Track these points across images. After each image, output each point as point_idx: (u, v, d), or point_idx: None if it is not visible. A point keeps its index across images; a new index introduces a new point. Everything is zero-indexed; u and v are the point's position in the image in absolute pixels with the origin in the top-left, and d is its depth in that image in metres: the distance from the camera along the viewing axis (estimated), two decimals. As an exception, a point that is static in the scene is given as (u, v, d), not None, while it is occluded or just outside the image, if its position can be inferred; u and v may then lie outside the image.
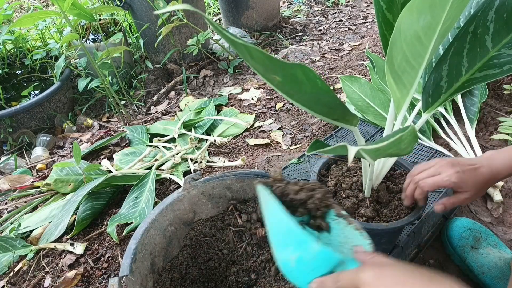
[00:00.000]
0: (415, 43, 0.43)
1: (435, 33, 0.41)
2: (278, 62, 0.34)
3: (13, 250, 0.89)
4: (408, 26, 0.41)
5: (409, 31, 0.42)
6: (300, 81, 0.36)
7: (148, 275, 0.60)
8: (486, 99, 1.19)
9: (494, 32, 0.46)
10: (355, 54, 1.82)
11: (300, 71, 0.35)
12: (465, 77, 0.51)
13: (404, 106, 0.54)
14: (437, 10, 0.38)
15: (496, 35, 0.46)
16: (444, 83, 0.54)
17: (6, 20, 1.86)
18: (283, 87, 0.39)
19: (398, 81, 0.50)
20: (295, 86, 0.37)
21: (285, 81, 0.37)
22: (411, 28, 0.41)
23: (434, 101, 0.56)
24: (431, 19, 0.39)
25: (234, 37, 0.32)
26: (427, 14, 0.39)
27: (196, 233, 0.70)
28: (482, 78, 0.50)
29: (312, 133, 1.25)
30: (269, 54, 0.33)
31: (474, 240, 0.80)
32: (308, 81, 0.36)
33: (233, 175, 0.69)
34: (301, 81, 0.36)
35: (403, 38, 0.43)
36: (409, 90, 0.51)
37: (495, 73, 0.48)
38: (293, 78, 0.36)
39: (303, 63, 1.81)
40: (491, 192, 0.95)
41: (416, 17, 0.40)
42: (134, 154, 1.18)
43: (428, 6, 0.38)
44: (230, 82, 1.72)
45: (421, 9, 0.39)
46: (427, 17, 0.39)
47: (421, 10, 0.39)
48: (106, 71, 1.39)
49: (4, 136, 1.44)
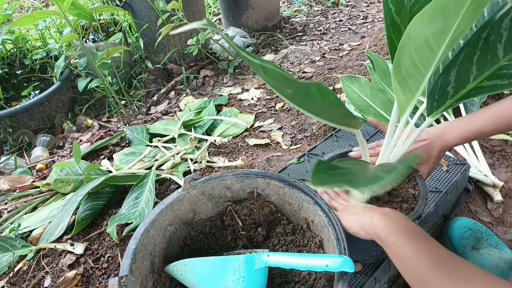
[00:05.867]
0: (424, 48, 0.42)
1: (446, 39, 0.40)
2: (292, 81, 0.33)
3: (13, 250, 0.89)
4: (419, 31, 0.40)
5: (419, 36, 0.41)
6: (312, 95, 0.36)
7: (148, 275, 0.60)
8: (486, 99, 1.19)
9: (506, 40, 0.45)
10: (355, 54, 1.82)
11: (315, 87, 0.35)
12: (472, 85, 0.50)
13: (408, 110, 0.53)
14: (450, 16, 0.37)
15: (508, 44, 0.45)
16: (451, 89, 0.53)
17: (6, 20, 1.86)
18: (294, 98, 0.38)
19: (404, 85, 0.49)
20: (306, 99, 0.37)
21: (297, 94, 0.37)
22: (421, 33, 0.40)
23: (439, 106, 0.55)
24: (442, 25, 0.38)
25: (251, 56, 0.32)
26: (438, 20, 0.38)
27: (196, 233, 0.70)
28: (490, 88, 0.48)
29: (312, 133, 1.25)
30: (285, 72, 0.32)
31: (474, 241, 0.80)
32: (321, 96, 0.36)
33: (233, 175, 0.69)
34: (313, 95, 0.36)
35: (412, 43, 0.42)
36: (415, 94, 0.50)
37: (503, 84, 0.46)
38: (306, 93, 0.36)
39: (303, 63, 1.81)
40: (491, 192, 0.95)
41: (427, 22, 0.39)
42: (134, 154, 1.18)
43: (441, 12, 0.37)
44: (230, 82, 1.72)
45: (434, 15, 0.38)
46: (438, 23, 0.38)
47: (433, 16, 0.38)
48: (106, 71, 1.39)
49: (4, 136, 1.44)
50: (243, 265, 0.53)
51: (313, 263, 0.51)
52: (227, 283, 0.53)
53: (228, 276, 0.53)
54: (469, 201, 0.96)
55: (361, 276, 0.70)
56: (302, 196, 0.64)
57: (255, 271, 0.54)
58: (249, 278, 0.53)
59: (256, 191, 0.70)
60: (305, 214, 0.65)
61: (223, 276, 0.53)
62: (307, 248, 0.64)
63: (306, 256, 0.52)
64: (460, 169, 0.91)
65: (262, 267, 0.55)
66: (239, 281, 0.53)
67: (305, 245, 0.64)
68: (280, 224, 0.70)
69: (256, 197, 0.71)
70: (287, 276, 0.63)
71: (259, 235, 0.69)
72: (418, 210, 0.63)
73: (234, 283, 0.53)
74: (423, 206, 0.64)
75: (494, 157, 1.07)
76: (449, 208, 0.91)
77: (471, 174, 0.97)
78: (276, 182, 0.68)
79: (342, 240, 0.54)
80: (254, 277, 0.54)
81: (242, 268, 0.53)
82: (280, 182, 0.67)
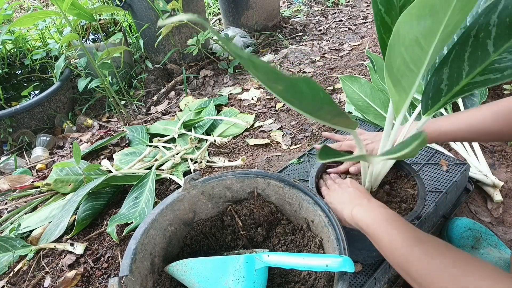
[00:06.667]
0: (414, 48, 0.43)
1: (436, 37, 0.40)
2: (282, 76, 0.34)
3: (13, 250, 0.89)
4: (407, 30, 0.41)
5: (408, 35, 0.42)
6: (302, 92, 0.36)
7: (148, 275, 0.60)
8: (486, 99, 1.19)
9: (496, 36, 0.46)
10: (355, 54, 1.82)
11: (304, 83, 0.35)
12: (466, 81, 0.51)
13: (403, 109, 0.54)
14: (438, 14, 0.38)
15: (498, 40, 0.46)
16: (444, 86, 0.53)
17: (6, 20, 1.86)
18: (285, 95, 0.39)
19: (397, 84, 0.49)
20: (297, 96, 0.37)
21: (287, 91, 0.37)
22: (410, 32, 0.41)
23: (434, 104, 0.55)
24: (431, 24, 0.39)
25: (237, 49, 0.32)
26: (427, 19, 0.38)
27: (196, 233, 0.70)
28: (483, 82, 0.49)
29: (312, 133, 1.25)
30: (274, 68, 0.33)
31: (474, 240, 0.80)
32: (311, 92, 0.36)
33: (233, 175, 0.69)
34: (303, 91, 0.36)
35: (402, 42, 0.43)
36: (408, 93, 0.50)
37: (496, 78, 0.47)
38: (296, 88, 0.36)
39: (303, 63, 1.81)
40: (491, 192, 0.95)
41: (416, 22, 0.39)
42: (134, 154, 1.18)
43: (428, 10, 0.37)
44: (230, 82, 1.72)
45: (421, 14, 0.38)
46: (427, 22, 0.39)
47: (420, 15, 0.38)
48: (106, 71, 1.39)
49: (4, 136, 1.44)
50: (243, 265, 0.53)
51: (313, 263, 0.51)
52: (227, 283, 0.53)
53: (228, 276, 0.53)
54: (469, 201, 0.96)
55: (361, 276, 0.70)
56: (302, 196, 0.64)
57: (255, 271, 0.54)
58: (249, 278, 0.53)
59: (256, 191, 0.70)
60: (305, 214, 0.65)
61: (223, 276, 0.53)
62: (307, 248, 0.64)
63: (306, 256, 0.52)
64: (460, 169, 0.91)
65: (262, 267, 0.55)
66: (239, 281, 0.53)
67: (305, 245, 0.64)
68: (280, 224, 0.70)
69: (256, 197, 0.71)
70: (287, 276, 0.63)
71: (259, 235, 0.69)
72: (417, 210, 0.63)
73: (234, 283, 0.53)
74: (422, 206, 0.64)
75: (494, 157, 1.07)
76: (449, 208, 0.91)
77: (471, 174, 0.97)
78: (276, 182, 0.68)
79: (342, 240, 0.54)
80: (254, 277, 0.54)
81: (242, 268, 0.53)
82: (280, 182, 0.67)
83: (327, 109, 0.40)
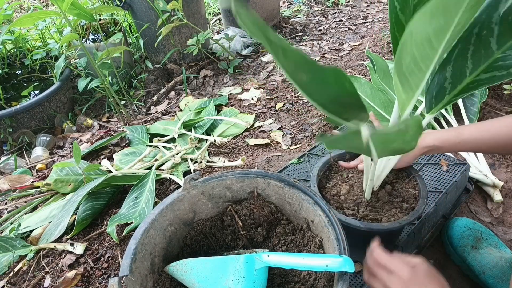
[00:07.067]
0: (425, 46, 0.43)
1: (446, 36, 0.41)
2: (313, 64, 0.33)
3: (13, 250, 0.89)
4: (421, 28, 0.41)
5: (421, 34, 0.42)
6: (327, 83, 0.36)
7: (148, 275, 0.60)
8: (486, 99, 1.19)
9: (499, 34, 0.46)
10: (355, 54, 1.82)
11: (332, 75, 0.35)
12: (469, 79, 0.51)
13: (409, 107, 0.54)
14: (451, 13, 0.38)
15: (501, 37, 0.46)
16: (448, 84, 0.53)
17: (6, 20, 1.86)
18: (307, 87, 0.38)
19: (405, 82, 0.49)
20: (320, 87, 0.37)
21: (312, 82, 0.37)
22: (423, 30, 0.41)
23: (438, 103, 0.55)
24: (443, 23, 0.39)
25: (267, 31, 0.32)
26: (440, 18, 0.39)
27: (196, 233, 0.70)
28: (488, 80, 0.49)
29: (312, 133, 1.25)
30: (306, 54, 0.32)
31: (474, 240, 0.80)
32: (336, 83, 0.36)
33: (233, 175, 0.69)
34: (328, 82, 0.36)
35: (414, 40, 0.43)
36: (415, 91, 0.50)
37: (502, 75, 0.47)
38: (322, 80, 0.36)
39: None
40: (491, 192, 0.95)
41: (429, 20, 0.39)
42: (134, 154, 1.18)
43: (442, 9, 0.37)
44: (230, 82, 1.72)
45: (435, 12, 0.38)
46: (439, 20, 0.39)
47: (434, 13, 0.38)
48: (106, 71, 1.39)
49: (4, 136, 1.44)
50: (243, 265, 0.53)
51: (313, 263, 0.51)
52: (227, 283, 0.53)
53: (228, 276, 0.53)
54: (469, 201, 0.96)
55: (361, 276, 0.70)
56: (302, 196, 0.64)
57: (255, 271, 0.54)
58: (249, 278, 0.53)
59: (256, 191, 0.70)
60: (305, 214, 0.65)
61: (223, 276, 0.53)
62: (307, 248, 0.64)
63: (306, 256, 0.52)
64: (460, 169, 0.91)
65: (262, 267, 0.55)
66: (239, 281, 0.53)
67: (305, 245, 0.64)
68: (280, 224, 0.70)
69: (256, 197, 0.71)
70: (287, 276, 0.63)
71: (259, 235, 0.69)
72: (418, 210, 0.63)
73: (234, 283, 0.53)
74: (424, 206, 0.64)
75: (494, 157, 1.07)
76: (449, 208, 0.91)
77: (471, 174, 0.97)
78: (276, 182, 0.68)
79: (342, 240, 0.54)
80: (254, 277, 0.54)
81: (242, 268, 0.53)
82: (280, 182, 0.67)
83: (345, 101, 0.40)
